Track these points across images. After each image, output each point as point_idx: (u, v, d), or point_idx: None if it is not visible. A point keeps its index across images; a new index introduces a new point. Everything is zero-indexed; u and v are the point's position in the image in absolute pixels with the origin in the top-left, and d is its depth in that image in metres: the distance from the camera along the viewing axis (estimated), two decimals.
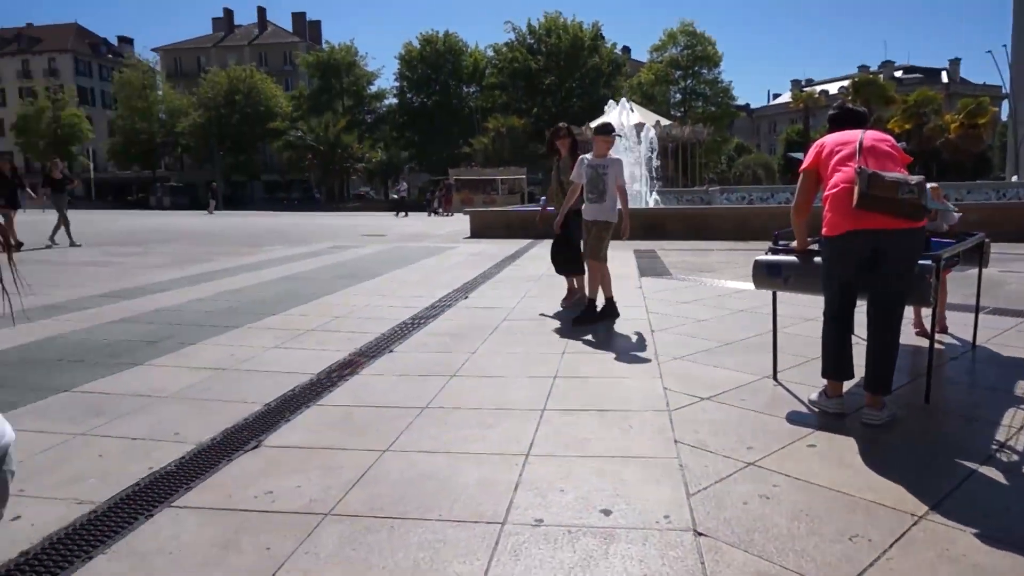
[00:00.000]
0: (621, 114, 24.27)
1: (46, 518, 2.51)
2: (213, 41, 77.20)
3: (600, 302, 6.02)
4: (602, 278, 6.02)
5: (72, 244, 14.20)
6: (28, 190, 15.20)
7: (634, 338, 5.43)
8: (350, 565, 2.20)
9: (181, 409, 3.76)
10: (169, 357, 4.87)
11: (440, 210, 35.08)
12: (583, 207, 6.06)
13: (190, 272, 9.87)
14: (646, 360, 4.71)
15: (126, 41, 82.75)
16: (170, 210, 47.72)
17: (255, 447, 3.20)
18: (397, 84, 59.80)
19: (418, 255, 12.19)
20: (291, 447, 3.20)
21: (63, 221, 14.50)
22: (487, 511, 2.55)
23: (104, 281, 8.89)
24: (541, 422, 3.51)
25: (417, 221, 27.32)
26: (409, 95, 59.37)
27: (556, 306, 6.74)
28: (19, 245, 13.37)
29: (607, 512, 2.53)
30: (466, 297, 7.36)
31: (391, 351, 5.05)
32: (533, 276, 5.91)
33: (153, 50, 77.90)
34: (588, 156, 6.08)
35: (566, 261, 6.78)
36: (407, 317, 6.29)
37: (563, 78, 53.49)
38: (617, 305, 6.09)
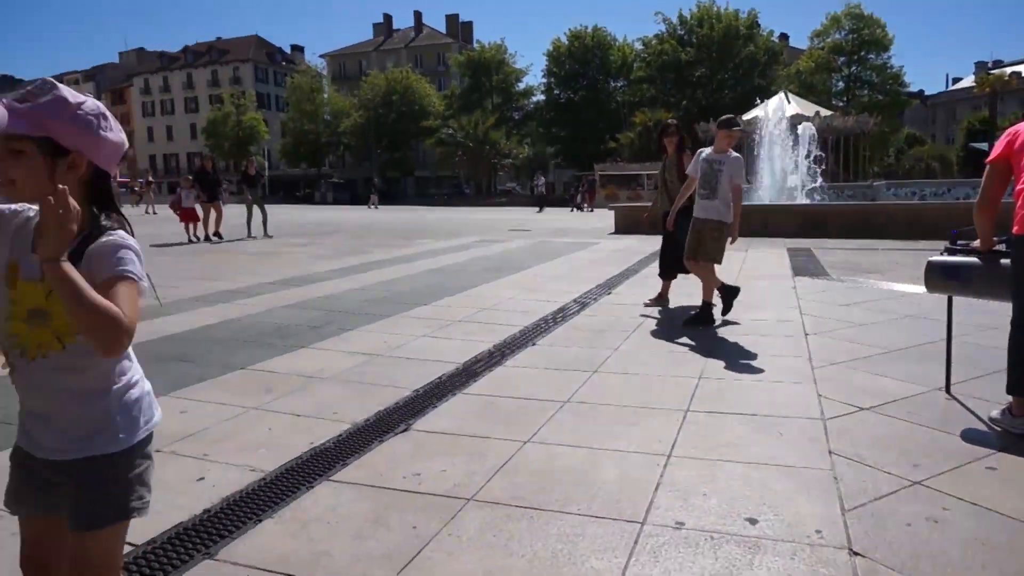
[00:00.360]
0: (777, 105, 23.05)
1: (225, 481, 2.80)
2: (374, 45, 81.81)
3: (660, 302, 5.76)
4: (705, 280, 5.76)
5: (265, 235, 15.40)
6: (223, 188, 16.51)
7: (786, 341, 5.15)
8: (491, 550, 2.27)
9: (339, 390, 4.03)
10: (330, 341, 5.24)
11: (585, 205, 35.07)
12: (695, 205, 5.77)
13: (349, 263, 10.55)
14: (799, 365, 4.45)
15: (298, 49, 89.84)
16: (332, 205, 51.23)
17: (404, 430, 3.37)
18: (545, 80, 60.46)
19: (562, 250, 12.27)
20: (437, 432, 3.34)
21: (251, 213, 15.63)
22: (627, 509, 2.53)
23: (276, 270, 9.71)
24: (685, 423, 3.43)
25: (560, 216, 27.50)
26: (556, 91, 59.77)
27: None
28: (220, 237, 14.75)
29: (753, 521, 2.43)
30: (609, 293, 7.31)
31: (534, 344, 5.13)
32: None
33: (320, 56, 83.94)
34: (707, 150, 5.77)
35: (671, 262, 6.63)
36: (550, 311, 6.36)
37: (714, 69, 51.59)
38: (714, 312, 5.80)
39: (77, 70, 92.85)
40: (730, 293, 5.86)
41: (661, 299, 6.74)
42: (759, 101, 26.29)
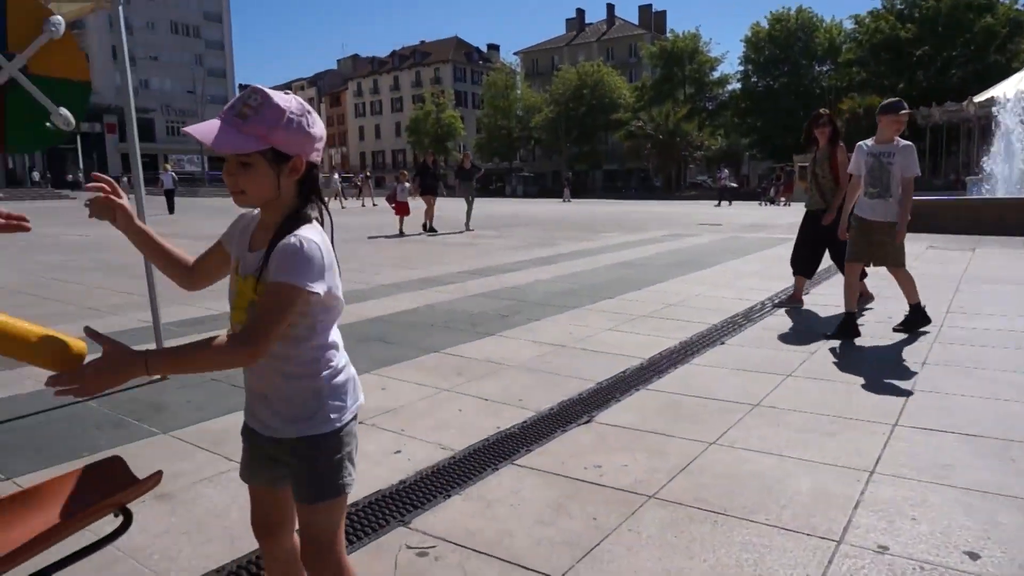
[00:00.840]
0: (1019, 84, 20.06)
1: (419, 456, 3.00)
2: (566, 41, 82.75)
3: (793, 302, 5.09)
4: (851, 288, 5.11)
5: (467, 228, 15.81)
6: (441, 183, 17.26)
7: (1017, 354, 4.50)
8: (671, 550, 2.22)
9: (525, 378, 4.15)
10: (518, 330, 5.41)
11: (781, 199, 32.98)
12: (859, 202, 5.10)
13: (537, 255, 10.80)
14: None
15: (494, 48, 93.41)
16: (522, 198, 52.69)
17: (587, 422, 3.39)
18: (741, 68, 57.56)
19: (755, 246, 11.65)
20: (620, 427, 3.33)
21: (471, 206, 16.08)
22: (820, 525, 2.35)
23: (469, 260, 10.19)
24: (891, 438, 3.12)
25: (752, 211, 26.08)
26: (754, 78, 56.67)
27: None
28: (433, 231, 15.19)
29: (973, 556, 2.16)
30: (807, 292, 6.83)
31: (723, 343, 4.93)
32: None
33: (515, 54, 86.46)
34: (868, 142, 5.07)
35: (804, 260, 6.13)
36: (741, 309, 6.07)
37: (940, 46, 45.97)
38: (927, 311, 5.17)
39: (303, 77, 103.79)
40: (917, 320, 5.17)
41: (796, 298, 6.31)
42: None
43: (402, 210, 15.38)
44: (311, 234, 1.35)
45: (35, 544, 1.07)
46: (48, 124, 3.55)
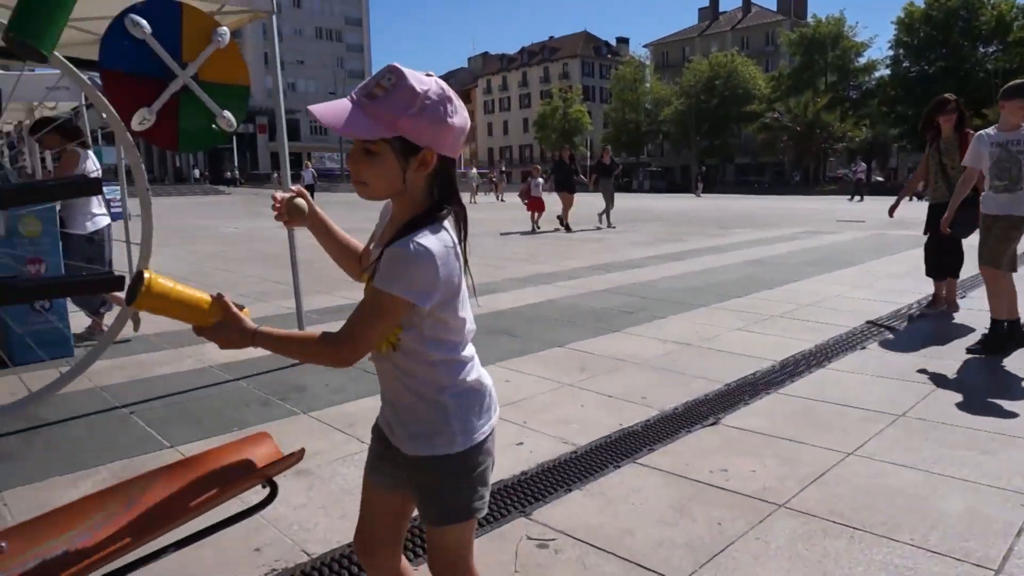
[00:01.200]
0: None
1: (540, 449, 3.02)
2: (698, 31, 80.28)
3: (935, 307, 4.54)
4: (1007, 292, 4.42)
5: (608, 225, 15.08)
6: (580, 176, 15.67)
7: None
8: (802, 563, 2.11)
9: (649, 376, 4.08)
10: (642, 327, 5.33)
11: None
12: (983, 196, 4.50)
13: (664, 251, 10.58)
14: None
15: (623, 41, 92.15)
16: (649, 192, 51.79)
17: (713, 423, 3.29)
18: (892, 53, 53.35)
19: (902, 244, 10.80)
20: (748, 430, 3.20)
21: (610, 202, 15.27)
22: (975, 550, 2.15)
23: (595, 255, 10.15)
24: None
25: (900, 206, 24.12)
26: (905, 63, 52.39)
27: None
28: (567, 227, 14.51)
29: None
30: (963, 296, 6.25)
31: (864, 347, 4.61)
32: None
33: (644, 46, 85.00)
34: (989, 131, 4.46)
35: (941, 262, 5.59)
36: (886, 312, 5.66)
37: None
38: None
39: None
40: (1016, 337, 4.46)
41: (937, 303, 5.75)
42: None
43: (536, 206, 14.83)
44: (430, 242, 1.21)
45: (198, 507, 1.19)
46: (214, 126, 3.88)
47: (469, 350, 1.39)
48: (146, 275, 1.17)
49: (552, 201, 15.43)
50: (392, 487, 1.45)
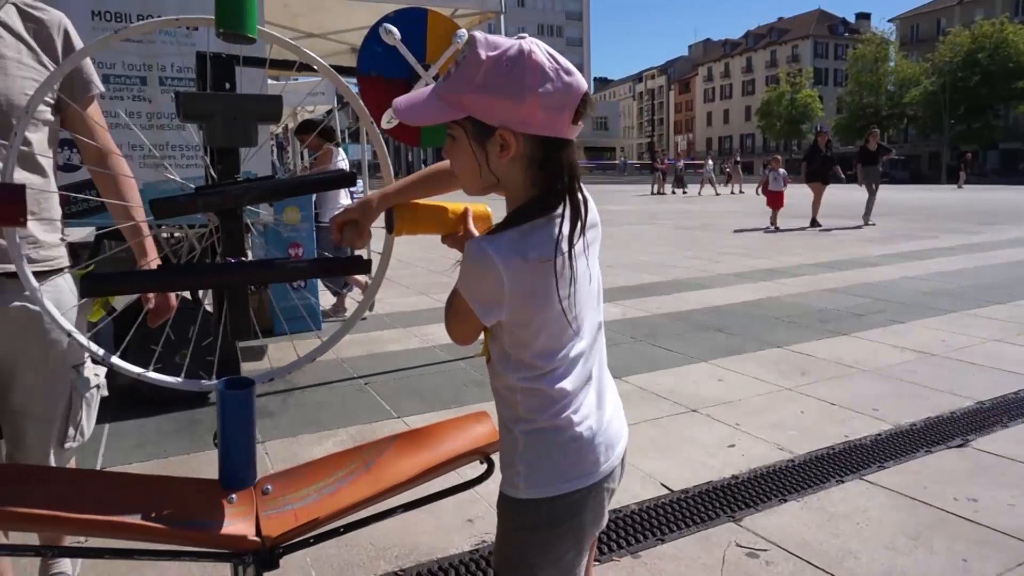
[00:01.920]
0: None
1: (753, 453, 2.87)
2: None
3: None
4: None
5: (866, 223, 13.03)
6: (836, 168, 13.42)
7: None
8: None
9: (881, 386, 3.70)
10: (875, 332, 4.84)
11: None
12: None
13: (904, 248, 9.50)
14: None
15: (863, 17, 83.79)
16: (889, 184, 46.60)
17: (960, 445, 2.90)
18: None
19: None
20: (1006, 457, 2.78)
21: (873, 195, 13.29)
22: None
23: (821, 251, 9.39)
24: None
25: None
26: None
27: None
28: (816, 224, 12.76)
29: None
30: None
31: None
32: None
33: (889, 21, 76.65)
34: None
35: None
36: None
37: None
38: None
39: (653, 66, 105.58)
40: None
41: None
42: None
43: (775, 201, 13.04)
44: (502, 249, 0.98)
45: (424, 475, 1.30)
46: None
47: (567, 383, 1.06)
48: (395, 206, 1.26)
49: (797, 195, 13.93)
50: None
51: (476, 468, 1.45)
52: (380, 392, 3.75)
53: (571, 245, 0.99)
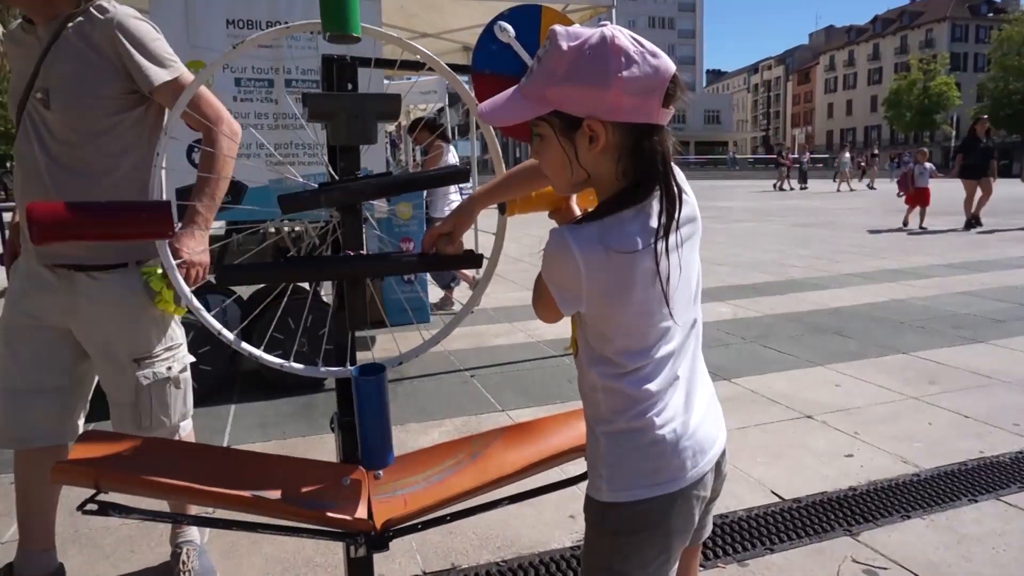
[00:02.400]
0: None
1: (874, 464, 2.71)
2: None
3: None
4: None
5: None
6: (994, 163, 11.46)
7: None
8: None
9: (1023, 399, 3.39)
10: (1018, 340, 4.43)
11: None
12: None
13: None
14: None
15: None
16: None
17: None
18: None
19: None
20: None
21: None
22: None
23: (957, 251, 8.70)
24: None
25: None
26: None
27: None
28: (979, 222, 11.30)
29: None
30: None
31: None
32: None
33: None
34: None
35: None
36: None
37: None
38: None
39: (770, 56, 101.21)
40: None
41: None
42: None
43: (918, 199, 11.62)
44: (583, 240, 0.95)
45: (528, 469, 1.31)
46: None
47: (651, 384, 1.01)
48: None
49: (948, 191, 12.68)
50: None
51: (579, 465, 1.45)
52: (485, 385, 3.81)
53: (664, 238, 0.95)
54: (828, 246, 9.54)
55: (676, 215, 0.96)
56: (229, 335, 1.37)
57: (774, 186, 27.11)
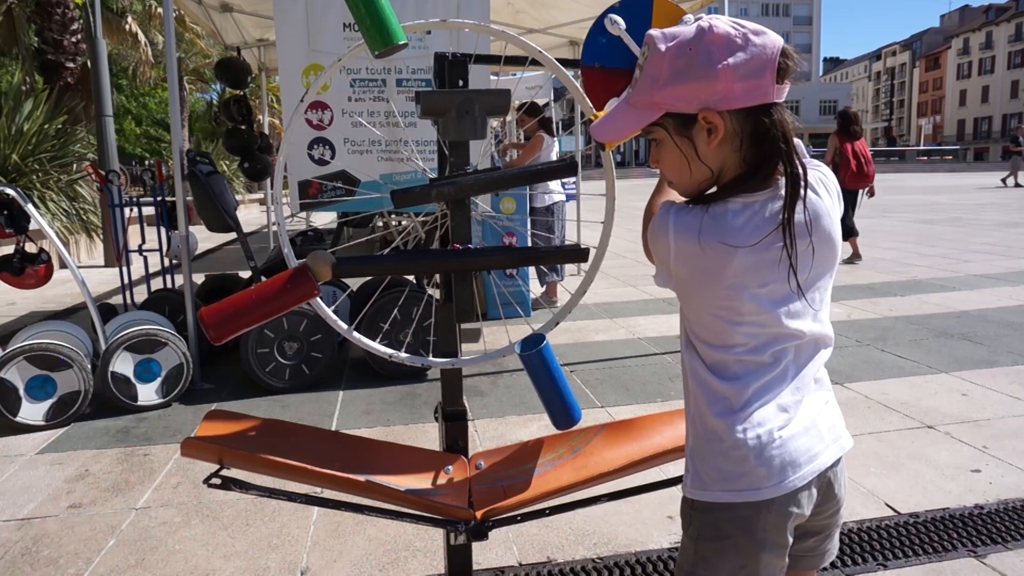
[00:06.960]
0: None
1: (1005, 482, 2.51)
2: None
3: None
4: None
5: None
6: None
7: None
8: None
9: None
10: None
11: None
12: None
13: None
14: None
15: None
16: None
17: None
18: None
19: None
20: None
21: None
22: None
23: None
24: None
25: None
26: None
27: None
28: None
29: None
30: None
31: None
32: None
33: None
34: None
35: None
36: None
37: None
38: None
39: (896, 41, 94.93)
40: None
41: None
42: None
43: None
44: (683, 220, 0.94)
45: (628, 467, 1.30)
46: None
47: (736, 383, 0.97)
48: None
49: None
50: None
51: (679, 466, 1.43)
52: (585, 380, 3.81)
53: (787, 224, 0.90)
54: (956, 245, 8.86)
55: (801, 196, 0.91)
56: (342, 325, 1.44)
57: (1003, 180, 21.95)
